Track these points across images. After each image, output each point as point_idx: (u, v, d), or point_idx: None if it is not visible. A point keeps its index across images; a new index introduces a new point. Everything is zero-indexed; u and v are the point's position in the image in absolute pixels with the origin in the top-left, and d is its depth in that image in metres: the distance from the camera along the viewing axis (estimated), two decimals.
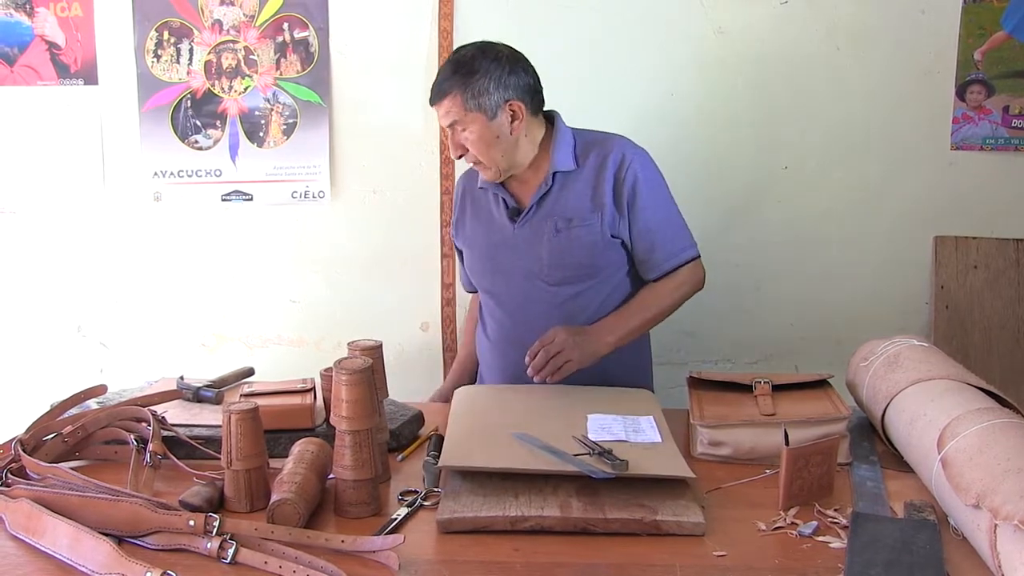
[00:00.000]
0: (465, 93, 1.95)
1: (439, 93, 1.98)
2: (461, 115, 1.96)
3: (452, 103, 1.96)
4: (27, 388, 2.85)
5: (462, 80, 1.95)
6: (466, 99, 1.95)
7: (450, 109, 1.96)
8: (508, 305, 2.11)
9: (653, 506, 1.38)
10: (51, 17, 2.73)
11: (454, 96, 1.95)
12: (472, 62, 1.97)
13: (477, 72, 1.96)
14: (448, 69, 1.98)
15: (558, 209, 2.04)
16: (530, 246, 2.05)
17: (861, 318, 2.70)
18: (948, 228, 2.70)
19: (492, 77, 1.96)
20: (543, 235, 2.04)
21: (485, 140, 1.98)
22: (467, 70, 1.96)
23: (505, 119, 1.98)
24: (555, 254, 2.03)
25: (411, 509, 1.44)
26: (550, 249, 2.03)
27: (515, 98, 1.98)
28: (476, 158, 2.01)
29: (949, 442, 1.37)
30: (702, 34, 2.64)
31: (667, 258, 2.06)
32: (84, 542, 1.26)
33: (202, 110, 2.75)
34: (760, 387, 1.76)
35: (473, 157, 2.01)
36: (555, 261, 2.03)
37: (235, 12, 2.71)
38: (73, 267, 2.85)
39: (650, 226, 2.04)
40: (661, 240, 2.05)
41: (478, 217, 2.17)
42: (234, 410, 1.45)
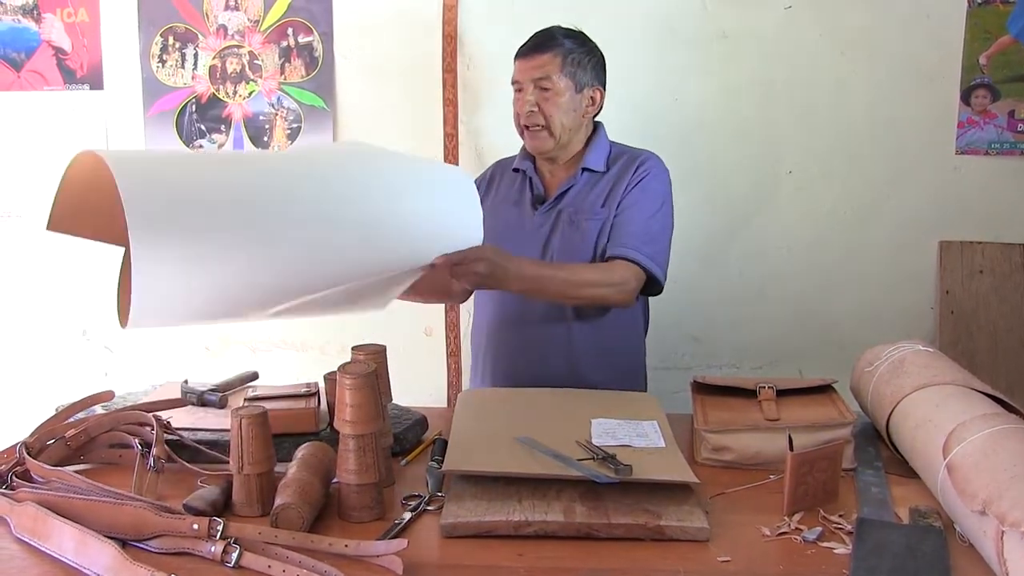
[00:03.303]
0: (568, 57, 2.01)
1: (543, 46, 2.01)
2: (556, 74, 2.00)
3: (552, 59, 2.00)
4: (32, 391, 2.86)
5: (570, 46, 2.02)
6: (566, 63, 2.01)
7: (547, 63, 2.00)
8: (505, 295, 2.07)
9: (657, 511, 1.38)
10: (58, 23, 2.74)
11: (556, 54, 2.00)
12: (583, 37, 2.06)
13: (584, 47, 2.04)
14: (559, 31, 2.04)
15: (576, 202, 2.07)
16: (543, 234, 2.07)
17: (866, 323, 2.70)
18: (953, 233, 2.70)
19: (593, 59, 2.06)
20: (558, 225, 2.06)
21: (563, 107, 2.02)
22: (579, 41, 2.04)
23: (586, 99, 2.05)
24: (565, 243, 2.05)
25: (415, 513, 1.44)
26: (561, 239, 2.05)
27: (600, 87, 2.08)
28: (544, 120, 2.01)
29: (955, 448, 1.36)
30: (706, 39, 2.64)
31: (615, 245, 2.00)
32: (89, 545, 1.26)
33: (207, 115, 2.76)
34: (764, 392, 1.75)
35: (543, 117, 2.01)
36: (564, 249, 2.05)
37: (240, 17, 2.71)
38: (78, 271, 2.85)
39: (623, 217, 2.03)
40: (623, 231, 2.01)
41: (499, 198, 2.18)
42: (244, 414, 1.45)
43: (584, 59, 2.03)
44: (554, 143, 2.05)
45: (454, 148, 2.68)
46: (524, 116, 2.03)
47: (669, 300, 2.70)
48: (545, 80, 2.00)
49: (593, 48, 2.07)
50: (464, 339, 2.77)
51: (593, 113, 2.09)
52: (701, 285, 2.74)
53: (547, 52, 2.00)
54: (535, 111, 2.01)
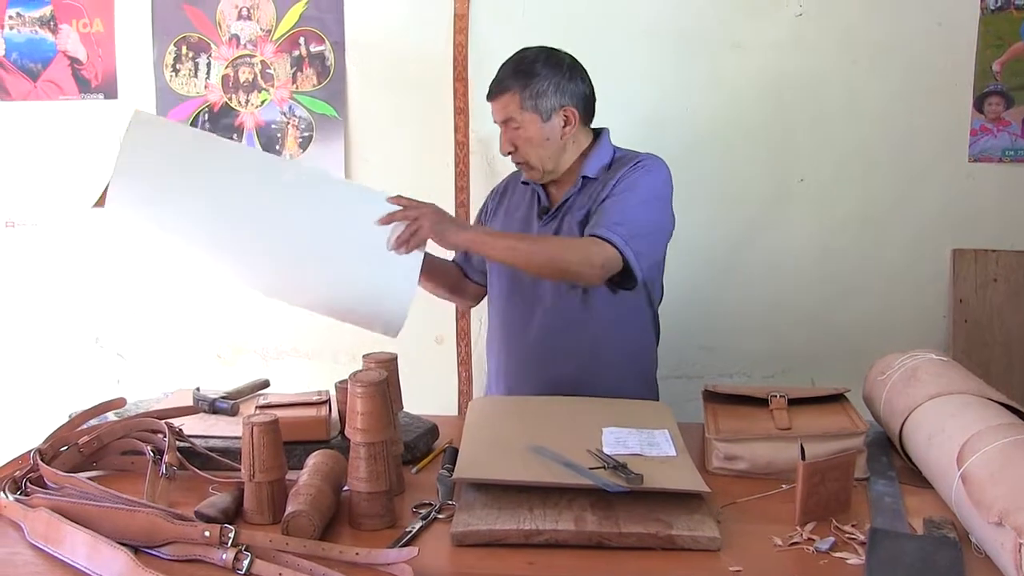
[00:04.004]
0: (524, 93, 1.99)
1: (498, 89, 2.01)
2: (517, 113, 2.00)
3: (510, 100, 2.00)
4: (46, 398, 2.87)
5: (523, 80, 1.99)
6: (524, 99, 1.99)
7: (507, 106, 2.00)
8: (517, 294, 2.12)
9: (668, 520, 1.37)
10: (73, 33, 2.76)
11: (513, 94, 1.99)
12: (534, 64, 2.01)
13: (538, 75, 2.00)
14: (509, 68, 2.02)
15: (574, 209, 2.06)
16: None
17: (878, 332, 2.68)
18: (966, 241, 2.68)
19: (552, 81, 2.01)
20: (560, 234, 2.06)
21: (535, 141, 2.02)
22: (529, 71, 2.00)
23: (558, 123, 2.02)
24: None
25: (425, 522, 1.44)
26: None
27: (570, 104, 2.03)
28: (524, 157, 2.04)
29: (969, 458, 1.35)
30: (718, 48, 2.64)
31: (591, 228, 1.95)
32: (102, 552, 1.26)
33: (219, 124, 2.77)
34: (776, 401, 1.74)
35: (521, 156, 2.04)
36: None
37: (252, 27, 2.73)
38: (91, 278, 2.87)
39: (606, 204, 1.98)
40: (603, 215, 1.96)
41: (510, 211, 2.19)
42: (256, 422, 1.46)
43: (543, 86, 1.99)
44: (540, 173, 2.06)
45: (465, 157, 2.68)
46: (503, 152, 2.06)
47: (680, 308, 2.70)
48: (510, 121, 2.01)
49: (553, 67, 2.02)
50: (475, 347, 2.77)
51: (573, 131, 2.05)
52: (712, 293, 2.73)
53: (504, 93, 2.00)
54: (513, 151, 2.03)
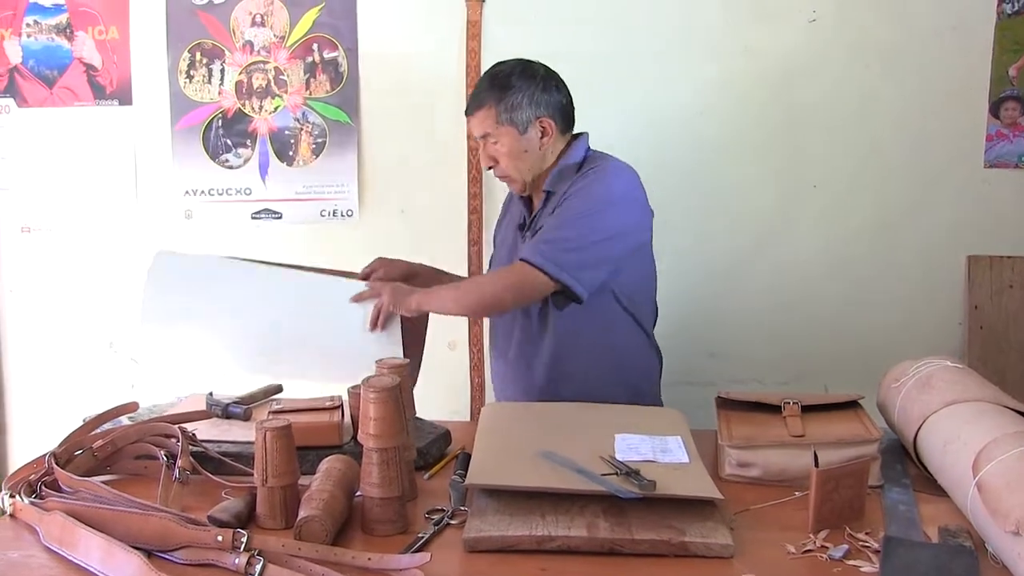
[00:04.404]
0: (499, 106, 2.00)
1: (475, 105, 2.04)
2: (493, 128, 2.02)
3: (486, 115, 2.02)
4: (60, 402, 2.88)
5: (498, 94, 2.01)
6: (500, 112, 2.01)
7: (483, 121, 2.02)
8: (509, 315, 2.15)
9: (681, 527, 1.37)
10: (89, 40, 2.78)
11: (488, 108, 2.01)
12: (509, 77, 2.03)
13: (512, 87, 2.01)
14: (485, 82, 2.05)
15: (538, 226, 2.06)
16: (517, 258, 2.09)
17: (892, 338, 2.67)
18: (982, 247, 2.67)
19: (526, 93, 2.02)
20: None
21: (514, 153, 2.03)
22: (503, 84, 2.02)
23: (535, 134, 2.03)
24: None
25: (438, 527, 1.44)
26: None
27: (546, 115, 2.04)
28: (504, 171, 2.06)
29: (985, 466, 1.34)
30: (730, 53, 2.64)
31: (522, 249, 1.99)
32: (116, 555, 1.27)
33: (233, 129, 2.78)
34: (789, 407, 1.74)
35: (502, 170, 2.06)
36: None
37: (266, 33, 2.74)
38: (106, 284, 2.88)
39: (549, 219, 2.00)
40: (538, 234, 2.00)
41: (508, 223, 2.25)
42: (268, 427, 1.46)
43: (517, 98, 2.00)
44: (522, 185, 2.08)
45: (477, 162, 2.68)
46: (483, 167, 2.11)
47: (693, 314, 2.70)
48: (489, 136, 2.03)
49: (527, 79, 2.02)
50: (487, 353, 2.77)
51: (551, 142, 2.05)
52: (726, 300, 2.73)
53: (480, 109, 2.02)
54: (494, 165, 2.06)
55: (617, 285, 2.04)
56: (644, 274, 2.13)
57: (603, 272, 1.99)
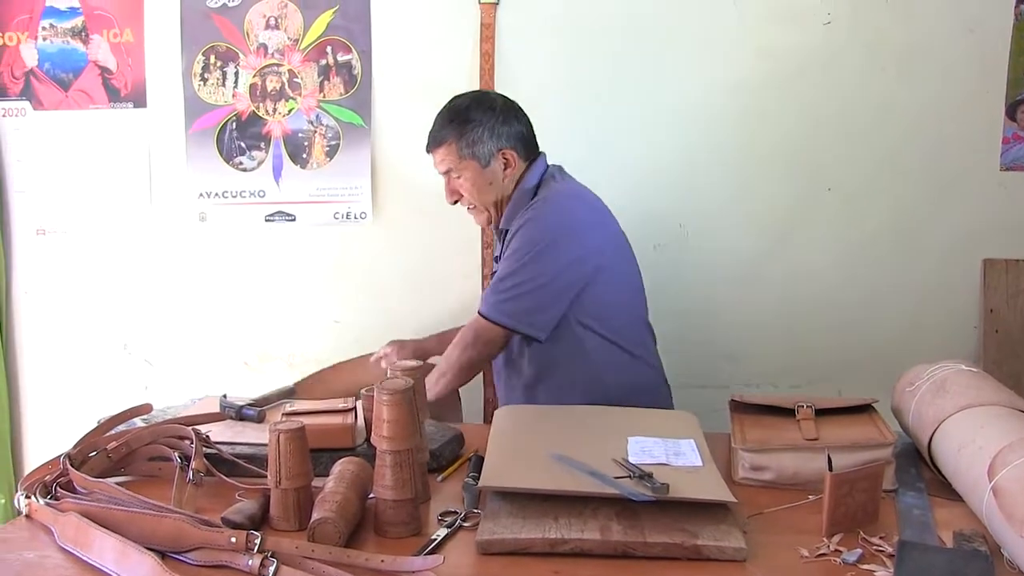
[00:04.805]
0: (460, 142, 2.04)
1: (435, 141, 2.07)
2: (456, 163, 2.05)
3: (447, 151, 2.05)
4: (74, 404, 2.90)
5: (457, 129, 2.04)
6: (461, 147, 2.04)
7: (445, 157, 2.06)
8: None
9: (694, 530, 1.37)
10: (104, 43, 2.80)
11: (449, 144, 2.04)
12: (467, 111, 2.05)
13: (472, 121, 2.04)
14: (444, 118, 2.07)
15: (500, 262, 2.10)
16: None
17: (907, 342, 2.66)
18: (998, 251, 2.65)
19: (486, 126, 2.05)
20: None
21: (478, 187, 2.07)
22: (462, 119, 2.05)
23: (498, 167, 2.07)
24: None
25: (451, 530, 1.44)
26: None
27: (508, 147, 2.07)
28: (470, 204, 2.09)
29: (1001, 470, 1.34)
30: (744, 55, 2.63)
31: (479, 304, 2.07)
32: (130, 556, 1.27)
33: (247, 132, 2.79)
34: (803, 411, 1.73)
35: (467, 203, 2.10)
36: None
37: (280, 36, 2.75)
38: (120, 286, 2.90)
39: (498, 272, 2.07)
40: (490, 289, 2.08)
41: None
42: (282, 429, 1.46)
43: (476, 132, 2.03)
44: (487, 217, 2.12)
45: None
46: (449, 201, 2.12)
47: (707, 318, 2.70)
48: (452, 171, 2.06)
49: (486, 111, 2.05)
50: None
51: (515, 172, 2.08)
52: (739, 303, 2.72)
53: (441, 145, 2.05)
54: (459, 199, 2.10)
55: (580, 313, 2.05)
56: (614, 293, 2.11)
57: (558, 309, 2.02)
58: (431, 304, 2.74)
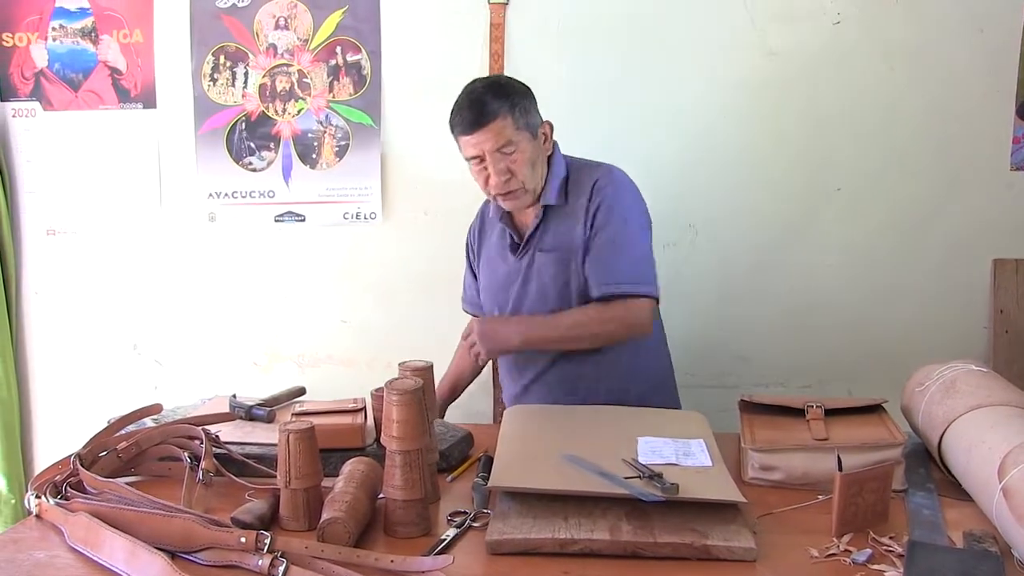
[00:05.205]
0: (514, 112, 1.94)
1: (488, 115, 1.92)
2: (513, 135, 1.94)
3: (503, 124, 1.92)
4: (85, 404, 2.91)
5: (508, 100, 1.94)
6: (516, 118, 1.94)
7: (502, 130, 1.92)
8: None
9: (704, 531, 1.37)
10: (114, 44, 2.80)
11: (504, 117, 1.92)
12: (510, 85, 1.99)
13: (518, 93, 1.98)
14: (488, 93, 1.95)
15: (544, 243, 2.06)
16: (525, 279, 2.09)
17: (917, 342, 2.65)
18: (1008, 251, 2.64)
19: (528, 96, 2.00)
20: (533, 270, 2.07)
21: (531, 161, 1.98)
22: (508, 91, 1.96)
23: (541, 140, 2.01)
24: (540, 288, 2.06)
25: (460, 530, 1.44)
26: (536, 284, 2.06)
27: (545, 120, 2.03)
28: (520, 182, 1.97)
29: (1011, 471, 1.33)
30: (753, 55, 2.62)
31: (599, 283, 1.99)
32: (140, 556, 1.28)
33: (256, 132, 2.80)
34: (812, 411, 1.73)
35: (518, 181, 1.97)
36: (540, 295, 2.07)
37: (289, 36, 2.76)
38: (130, 286, 2.91)
39: (597, 245, 2.00)
40: (601, 263, 1.99)
41: (490, 248, 2.21)
42: (292, 429, 1.47)
43: (524, 103, 1.97)
44: (532, 196, 2.02)
45: None
46: (499, 186, 1.97)
47: (716, 318, 2.69)
48: (507, 146, 1.94)
49: (523, 88, 2.01)
50: None
51: (551, 146, 2.05)
52: (748, 303, 2.71)
53: (495, 118, 1.92)
54: (510, 177, 1.96)
55: None
56: None
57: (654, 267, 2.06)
58: (440, 304, 2.74)
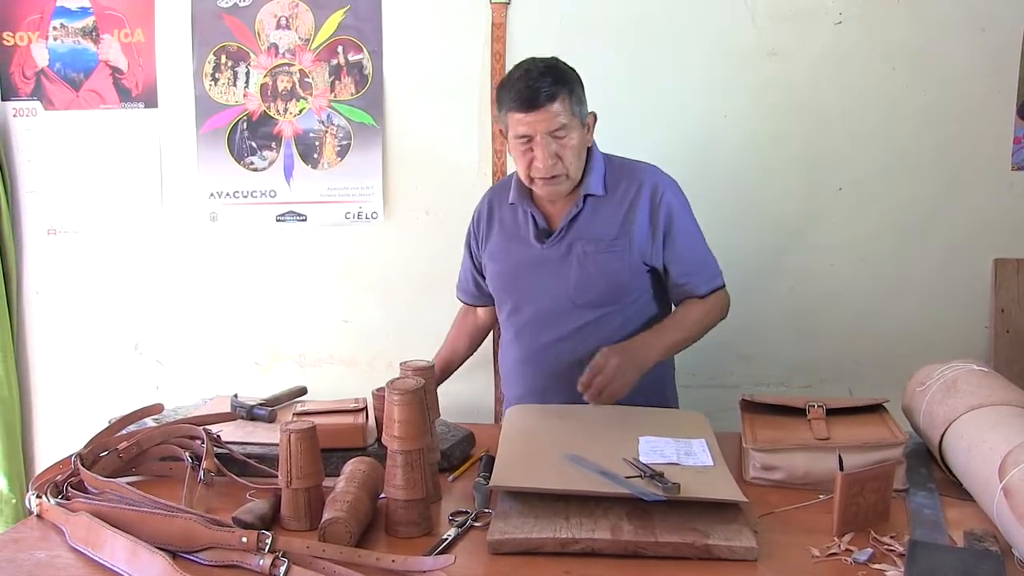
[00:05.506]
0: (571, 98, 1.92)
1: (548, 97, 1.89)
2: (569, 119, 1.91)
3: (562, 107, 1.90)
4: (86, 404, 2.91)
5: (567, 86, 1.92)
6: (572, 104, 1.92)
7: (560, 113, 1.89)
8: (531, 324, 2.11)
9: (705, 530, 1.37)
10: (115, 43, 2.81)
11: (563, 100, 1.90)
12: (569, 70, 1.95)
13: (573, 81, 1.95)
14: (547, 75, 1.91)
15: (587, 233, 2.03)
16: (557, 267, 2.05)
17: (918, 342, 2.65)
18: (1008, 250, 2.64)
19: (582, 87, 1.97)
20: (572, 258, 2.04)
21: (578, 149, 1.96)
22: (567, 77, 1.93)
23: (587, 128, 1.99)
24: (583, 277, 2.03)
25: (461, 530, 1.44)
26: (579, 272, 2.03)
27: (590, 110, 2.00)
28: (565, 168, 1.94)
29: (1012, 470, 1.33)
30: (755, 56, 2.62)
31: (705, 282, 2.09)
32: (141, 556, 1.28)
33: (258, 132, 2.80)
34: (814, 411, 1.73)
35: (563, 167, 1.94)
36: (583, 284, 2.03)
37: (291, 36, 2.76)
38: (131, 286, 2.91)
39: (688, 252, 2.06)
40: (699, 265, 2.09)
41: (505, 233, 2.15)
42: (293, 429, 1.47)
43: (579, 91, 1.95)
44: (571, 184, 2.00)
45: (503, 165, 2.69)
46: (546, 170, 1.93)
47: None
48: (560, 130, 1.91)
49: (575, 72, 1.98)
50: None
51: (591, 137, 2.02)
52: (750, 303, 2.71)
53: (554, 101, 1.88)
54: (556, 162, 1.93)
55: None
56: None
57: None
58: (442, 304, 2.74)
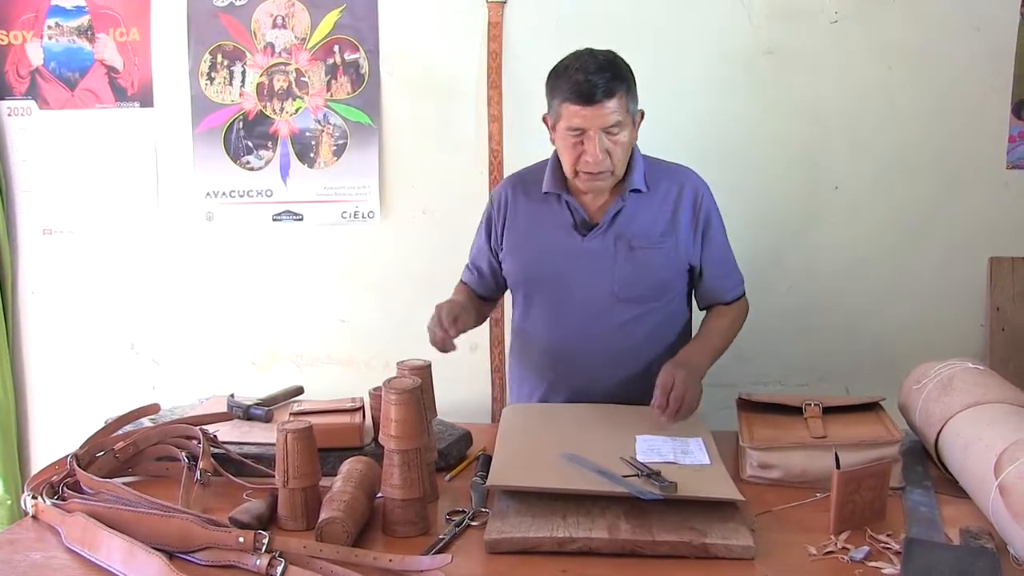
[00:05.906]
0: (628, 95, 1.89)
1: (607, 92, 1.85)
2: (623, 116, 1.88)
3: (619, 103, 1.87)
4: (82, 404, 2.91)
5: (625, 83, 1.89)
6: (628, 102, 1.89)
7: (616, 109, 1.86)
8: (569, 317, 2.06)
9: (702, 529, 1.37)
10: (111, 42, 2.80)
11: (620, 97, 1.87)
12: (627, 66, 1.93)
13: (631, 78, 1.92)
14: (607, 69, 1.87)
15: (631, 228, 2.00)
16: (599, 261, 2.00)
17: (914, 340, 2.65)
18: (1004, 249, 2.65)
19: (636, 84, 1.93)
20: (616, 253, 1.99)
21: (628, 145, 1.93)
22: (625, 75, 1.91)
23: (636, 127, 1.96)
24: (628, 273, 1.99)
25: (459, 529, 1.44)
26: (623, 268, 1.99)
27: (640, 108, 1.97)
28: (610, 165, 1.91)
29: (1007, 468, 1.34)
30: (751, 55, 2.62)
31: (732, 287, 2.13)
32: (137, 557, 1.28)
33: (254, 131, 2.79)
34: (810, 409, 1.73)
35: (610, 164, 1.91)
36: (627, 280, 1.99)
37: (287, 35, 2.75)
38: (127, 285, 2.90)
39: (721, 255, 2.09)
40: (729, 270, 2.13)
41: (535, 221, 2.09)
42: (290, 429, 1.47)
43: (634, 88, 1.92)
44: (614, 180, 1.97)
45: (499, 164, 2.68)
46: (596, 164, 1.89)
47: None
48: (615, 126, 1.87)
49: (631, 69, 1.94)
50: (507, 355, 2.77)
51: (637, 135, 1.99)
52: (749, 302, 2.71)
53: (613, 96, 1.85)
54: (606, 157, 1.89)
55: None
56: None
57: None
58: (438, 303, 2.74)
